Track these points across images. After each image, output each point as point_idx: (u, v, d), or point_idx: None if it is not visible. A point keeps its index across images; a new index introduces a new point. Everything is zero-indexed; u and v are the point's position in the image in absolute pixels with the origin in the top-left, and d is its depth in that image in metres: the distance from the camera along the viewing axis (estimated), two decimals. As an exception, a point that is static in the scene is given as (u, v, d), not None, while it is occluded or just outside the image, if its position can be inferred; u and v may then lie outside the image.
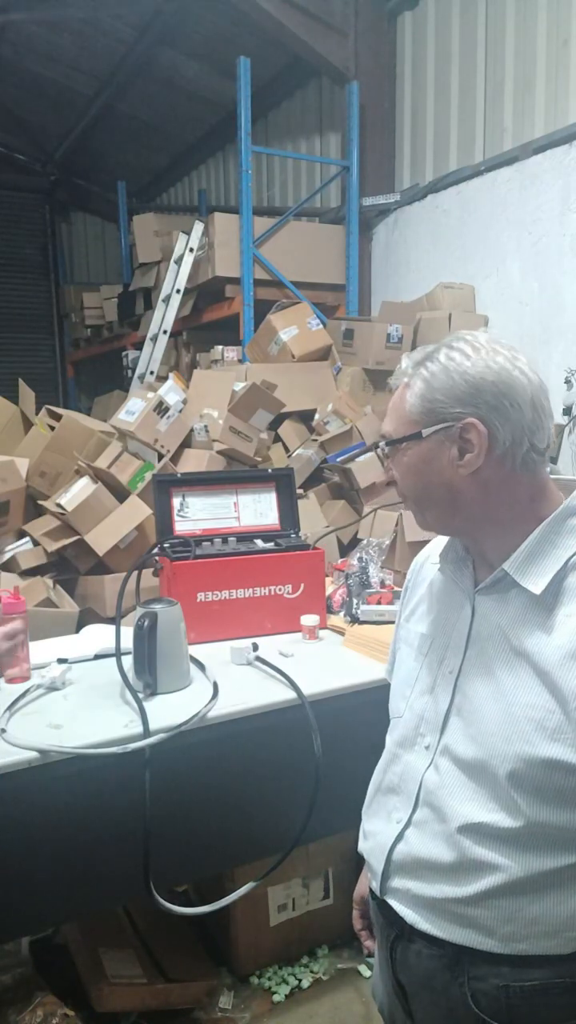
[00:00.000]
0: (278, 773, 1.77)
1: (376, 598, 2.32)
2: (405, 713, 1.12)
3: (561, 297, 3.66)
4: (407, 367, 1.02)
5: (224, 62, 5.15)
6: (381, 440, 1.06)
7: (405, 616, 1.22)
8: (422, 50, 4.59)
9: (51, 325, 8.35)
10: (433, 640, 1.11)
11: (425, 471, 1.00)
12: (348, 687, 1.99)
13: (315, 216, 5.46)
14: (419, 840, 1.05)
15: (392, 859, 1.08)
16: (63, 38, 5.87)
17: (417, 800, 1.06)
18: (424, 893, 1.04)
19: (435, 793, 1.03)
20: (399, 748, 1.12)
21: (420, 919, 1.04)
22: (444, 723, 1.04)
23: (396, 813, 1.10)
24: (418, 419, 0.99)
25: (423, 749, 1.07)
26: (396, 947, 1.10)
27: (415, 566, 1.27)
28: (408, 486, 1.04)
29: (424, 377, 0.98)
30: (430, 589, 1.17)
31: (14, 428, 3.75)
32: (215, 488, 2.42)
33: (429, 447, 0.99)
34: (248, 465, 3.47)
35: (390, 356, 4.13)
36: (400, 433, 1.02)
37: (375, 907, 1.17)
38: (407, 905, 1.06)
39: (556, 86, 3.72)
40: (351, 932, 2.47)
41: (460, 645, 1.05)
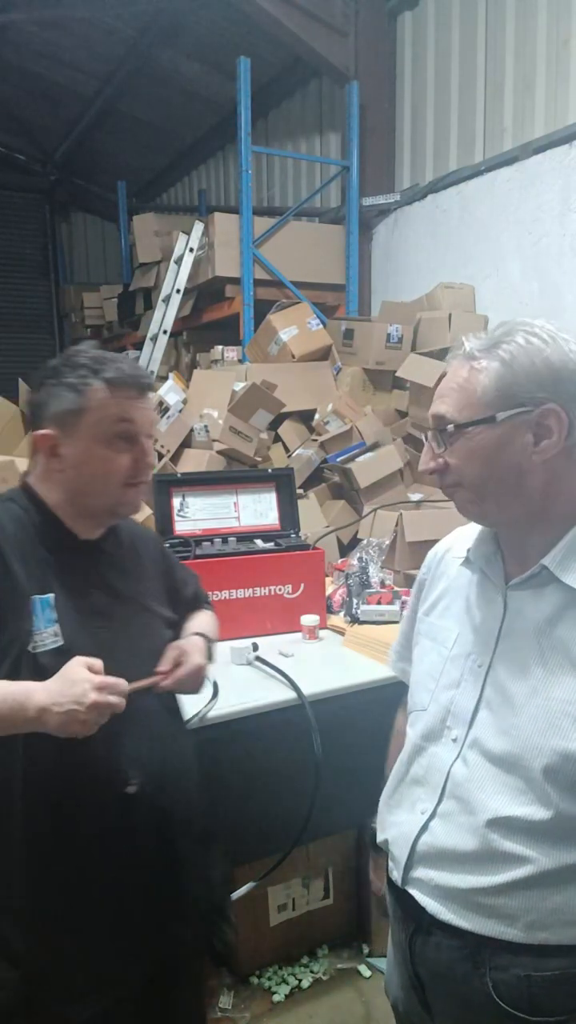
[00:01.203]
0: (278, 773, 1.77)
1: (376, 598, 2.33)
2: (430, 706, 1.10)
3: (561, 297, 3.66)
4: (472, 349, 0.98)
5: (224, 62, 5.15)
6: (439, 424, 1.00)
7: (424, 610, 1.20)
8: (422, 50, 4.59)
9: (51, 325, 8.35)
10: (459, 634, 1.09)
11: (494, 457, 0.96)
12: (348, 687, 1.99)
13: (315, 216, 5.45)
14: (444, 831, 1.04)
15: (416, 849, 1.08)
16: (63, 38, 5.86)
17: (443, 792, 1.05)
18: (447, 883, 1.03)
19: (463, 786, 1.02)
20: (424, 740, 1.11)
21: (442, 909, 1.04)
22: (473, 717, 1.03)
23: (421, 804, 1.09)
24: (491, 402, 0.95)
25: (450, 742, 1.06)
26: (415, 940, 1.10)
27: (433, 559, 1.24)
28: (470, 473, 0.99)
29: (502, 359, 0.95)
30: (454, 584, 1.15)
31: (14, 428, 3.75)
32: (215, 488, 2.43)
33: (502, 432, 0.95)
34: (248, 465, 3.47)
35: (390, 356, 4.12)
36: (467, 416, 0.96)
37: (393, 900, 1.17)
38: (429, 895, 1.06)
39: (556, 86, 3.72)
40: (351, 932, 2.49)
41: (490, 640, 1.04)
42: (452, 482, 1.02)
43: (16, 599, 1.14)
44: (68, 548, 1.22)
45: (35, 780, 1.16)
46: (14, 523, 1.19)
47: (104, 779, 1.18)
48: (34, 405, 1.21)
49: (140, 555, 1.37)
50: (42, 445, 1.18)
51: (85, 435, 1.16)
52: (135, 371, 1.20)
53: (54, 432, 1.17)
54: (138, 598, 1.31)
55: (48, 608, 1.16)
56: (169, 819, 1.26)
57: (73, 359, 1.18)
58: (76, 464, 1.17)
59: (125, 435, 1.18)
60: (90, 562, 1.25)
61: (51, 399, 1.17)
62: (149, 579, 1.37)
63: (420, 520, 2.76)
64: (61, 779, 1.16)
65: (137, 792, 1.19)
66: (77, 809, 1.17)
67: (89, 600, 1.22)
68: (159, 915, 1.26)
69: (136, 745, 1.20)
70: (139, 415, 1.19)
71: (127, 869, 1.21)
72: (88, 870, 1.19)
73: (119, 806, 1.19)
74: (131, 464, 1.19)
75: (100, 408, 1.16)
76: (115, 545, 1.31)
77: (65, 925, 1.19)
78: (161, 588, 1.40)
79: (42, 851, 1.17)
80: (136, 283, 5.92)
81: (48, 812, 1.16)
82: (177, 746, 1.32)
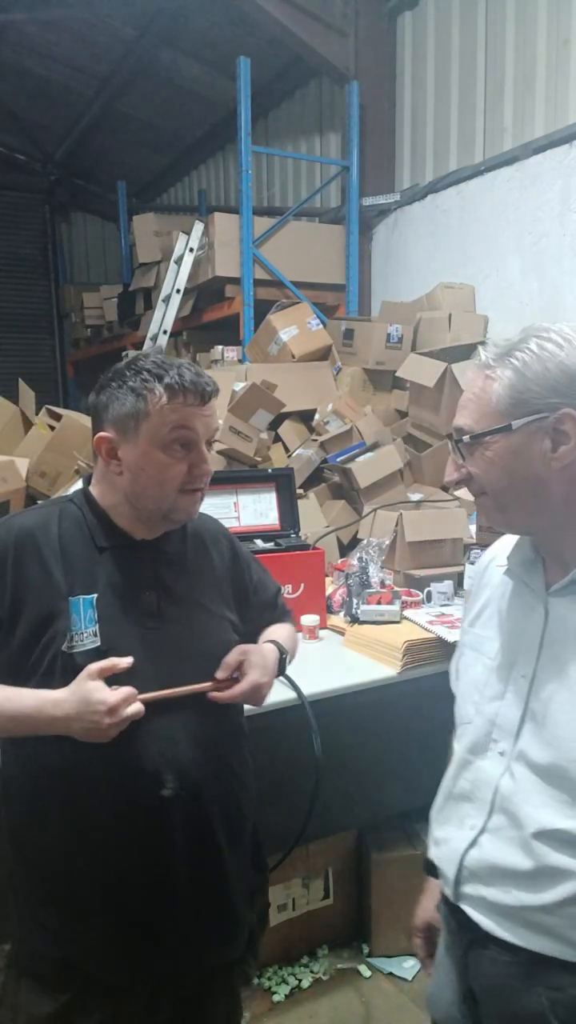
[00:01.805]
0: (278, 773, 1.77)
1: (376, 598, 2.33)
2: (475, 719, 1.09)
3: (561, 297, 3.66)
4: (487, 359, 0.98)
5: (224, 62, 5.14)
6: (458, 435, 1.01)
7: (469, 620, 1.19)
8: (422, 50, 4.59)
9: (51, 325, 8.34)
10: (502, 644, 1.08)
11: (513, 465, 0.96)
12: (348, 687, 1.99)
13: (315, 216, 5.45)
14: (494, 846, 1.03)
15: (464, 865, 1.06)
16: (63, 38, 5.86)
17: (492, 806, 1.04)
18: (499, 900, 1.01)
19: (510, 799, 1.01)
20: (470, 754, 1.09)
21: (494, 926, 1.02)
22: (519, 729, 1.02)
23: (470, 819, 1.07)
24: (506, 411, 0.95)
25: (497, 755, 1.05)
26: (469, 953, 1.08)
27: (480, 568, 1.22)
28: (490, 482, 0.99)
29: (515, 367, 0.95)
30: (496, 593, 1.14)
31: (14, 428, 3.75)
32: (215, 488, 2.42)
33: (519, 440, 0.95)
34: (248, 465, 3.47)
35: (390, 356, 4.12)
36: (484, 426, 0.97)
37: (447, 913, 1.15)
38: (482, 912, 1.04)
39: (556, 86, 3.72)
40: (351, 932, 2.49)
41: (533, 649, 1.03)
42: (477, 491, 1.02)
43: (53, 600, 1.16)
44: (121, 548, 1.23)
45: (64, 775, 1.17)
46: (68, 522, 1.23)
47: (136, 780, 1.17)
48: (97, 407, 1.22)
49: (206, 554, 1.36)
50: (101, 447, 1.20)
51: (143, 440, 1.16)
52: (197, 378, 1.19)
53: (113, 435, 1.18)
54: (196, 598, 1.30)
55: (90, 608, 1.17)
56: (211, 827, 1.24)
57: (137, 363, 1.19)
58: (133, 468, 1.18)
59: (183, 441, 1.18)
60: (144, 562, 1.25)
61: (112, 402, 1.18)
62: (213, 579, 1.35)
63: (420, 520, 2.76)
64: (91, 776, 1.16)
65: (172, 796, 1.18)
66: (107, 808, 1.17)
67: (139, 600, 1.23)
68: (197, 924, 1.24)
69: (174, 748, 1.19)
70: (198, 422, 1.19)
71: (160, 872, 1.20)
72: (115, 869, 1.19)
73: (153, 809, 1.18)
74: (187, 471, 1.19)
75: (159, 414, 1.16)
76: (175, 543, 1.30)
77: (96, 923, 1.20)
78: (228, 589, 1.38)
79: (70, 851, 1.18)
80: (136, 283, 5.91)
81: (75, 809, 1.18)
82: (226, 752, 1.30)
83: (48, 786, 1.19)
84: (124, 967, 1.22)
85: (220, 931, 1.28)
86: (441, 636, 2.08)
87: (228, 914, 1.29)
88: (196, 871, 1.23)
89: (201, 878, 1.23)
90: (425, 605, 2.43)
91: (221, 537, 1.42)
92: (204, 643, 1.27)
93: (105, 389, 1.21)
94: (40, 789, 1.20)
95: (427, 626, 2.17)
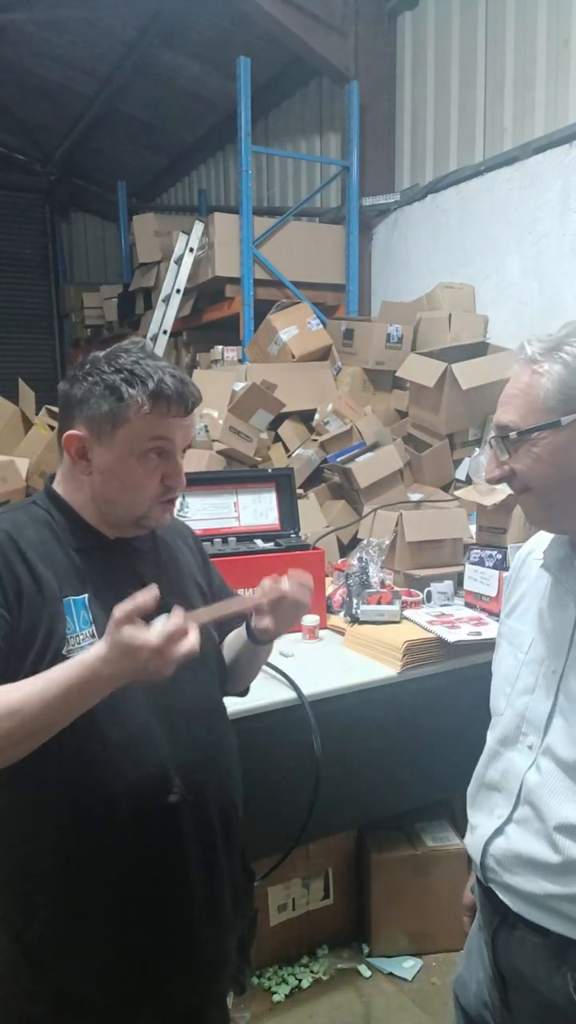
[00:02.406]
0: (278, 773, 1.77)
1: (376, 598, 2.33)
2: (506, 711, 1.11)
3: (561, 297, 3.66)
4: (534, 353, 0.97)
5: (224, 62, 5.14)
6: (502, 431, 1.00)
7: (506, 611, 1.20)
8: (422, 50, 4.59)
9: (51, 325, 8.34)
10: (534, 639, 1.09)
11: (561, 462, 0.95)
12: (348, 687, 1.99)
13: (315, 216, 5.45)
14: (520, 837, 1.05)
15: (489, 852, 1.09)
16: (63, 38, 5.86)
17: (519, 799, 1.06)
18: (524, 888, 1.04)
19: (535, 792, 1.03)
20: (500, 746, 1.12)
21: (523, 911, 1.06)
22: (547, 724, 1.03)
23: (498, 810, 1.11)
24: (556, 406, 0.94)
25: (526, 748, 1.06)
26: (499, 933, 1.11)
27: (518, 560, 1.22)
28: (538, 479, 0.98)
29: (565, 361, 0.94)
30: (533, 587, 1.14)
31: (14, 428, 3.75)
32: (215, 488, 2.42)
33: (568, 436, 0.94)
34: (248, 465, 3.47)
35: (390, 356, 4.12)
36: (531, 422, 0.96)
37: (480, 894, 1.18)
38: (509, 897, 1.08)
39: (556, 86, 3.72)
40: (351, 932, 2.49)
41: (564, 645, 1.03)
42: (520, 488, 1.01)
43: (47, 603, 1.09)
44: (97, 547, 1.17)
45: (66, 785, 1.09)
46: (37, 526, 1.15)
47: (143, 785, 1.11)
48: (68, 399, 1.14)
49: (177, 549, 1.32)
50: (71, 446, 1.13)
51: (119, 445, 1.10)
52: (181, 387, 1.11)
53: (86, 434, 1.11)
54: (177, 593, 1.23)
55: (83, 609, 1.12)
56: (213, 835, 1.20)
57: (119, 360, 1.11)
58: (104, 471, 1.12)
59: (159, 451, 1.12)
60: (122, 559, 1.20)
61: (89, 399, 1.11)
62: (189, 573, 1.31)
63: (420, 520, 2.76)
64: (95, 785, 1.09)
65: (179, 801, 1.13)
66: (113, 818, 1.10)
67: (125, 599, 1.16)
68: (203, 939, 1.20)
69: (178, 749, 1.14)
70: (178, 433, 1.13)
71: (172, 887, 1.15)
72: (125, 886, 1.12)
73: (161, 816, 1.13)
74: (161, 480, 1.14)
75: (140, 421, 1.09)
76: (147, 540, 1.25)
77: (98, 943, 1.13)
78: (200, 585, 1.33)
79: (72, 863, 1.11)
80: (136, 283, 5.91)
81: (80, 820, 1.10)
82: (223, 749, 1.26)
83: (39, 796, 1.09)
84: (133, 1004, 1.15)
85: (220, 950, 1.24)
86: (441, 636, 2.08)
87: (224, 923, 1.25)
88: (206, 884, 1.19)
89: (208, 890, 1.19)
90: (425, 605, 2.43)
91: (188, 535, 1.40)
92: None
93: (80, 382, 1.13)
94: (40, 815, 1.11)
95: (427, 626, 2.17)
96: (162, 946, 1.16)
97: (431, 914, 2.31)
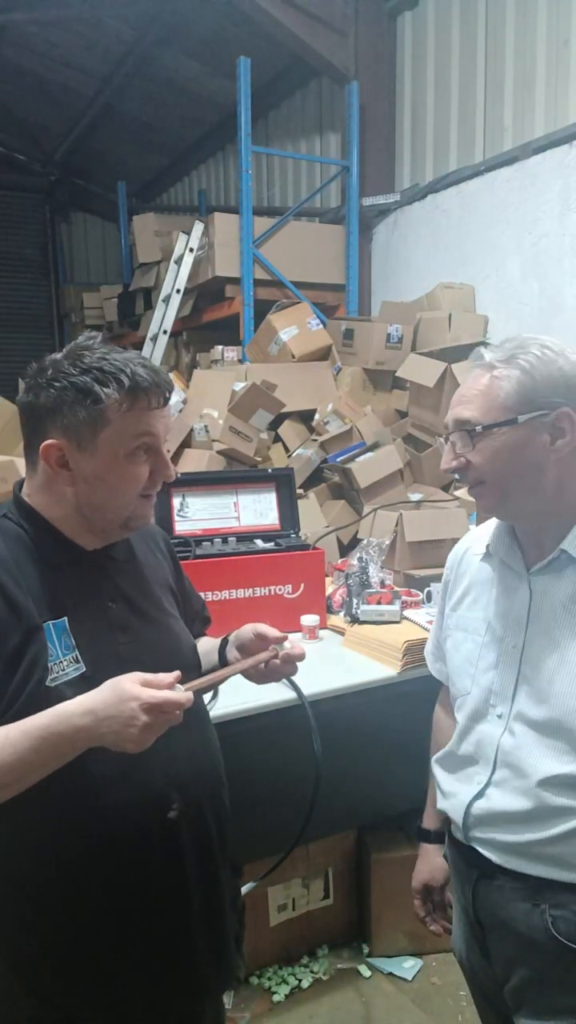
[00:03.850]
0: (278, 773, 1.77)
1: (376, 598, 2.33)
2: (472, 689, 1.22)
3: (561, 297, 3.66)
4: (492, 359, 1.09)
5: (224, 62, 5.14)
6: (461, 426, 1.10)
7: (451, 606, 1.31)
8: (422, 50, 4.59)
9: (51, 325, 8.34)
10: (490, 622, 1.20)
11: (516, 455, 1.07)
12: (348, 687, 1.99)
13: (315, 216, 5.45)
14: (500, 796, 1.15)
15: (471, 813, 1.19)
16: (63, 38, 5.86)
17: (495, 763, 1.16)
18: (506, 839, 1.15)
19: (512, 754, 1.14)
20: (471, 721, 1.22)
21: (505, 861, 1.15)
22: (514, 692, 1.14)
23: (477, 776, 1.20)
24: (513, 406, 1.06)
25: (496, 718, 1.17)
26: (479, 885, 1.21)
27: (454, 558, 1.35)
28: (493, 470, 1.09)
29: (523, 368, 1.06)
30: (477, 578, 1.26)
31: (14, 428, 3.74)
32: (215, 488, 2.42)
33: (523, 433, 1.07)
34: (248, 465, 3.47)
35: (390, 356, 4.12)
36: (491, 419, 1.07)
37: (455, 855, 1.29)
38: (491, 850, 1.17)
39: (556, 86, 3.72)
40: (351, 932, 2.49)
41: (521, 622, 1.15)
42: (475, 479, 1.12)
43: (25, 630, 1.03)
44: (75, 562, 1.11)
45: (66, 808, 1.05)
46: (9, 542, 1.08)
47: (143, 805, 1.09)
48: (35, 409, 1.07)
49: (151, 556, 1.28)
50: (50, 457, 1.06)
51: (103, 450, 1.05)
52: (155, 376, 1.07)
53: (64, 443, 1.05)
54: (156, 603, 1.21)
55: (64, 633, 1.06)
56: (211, 844, 1.19)
57: (82, 360, 1.05)
58: (90, 479, 1.06)
59: (147, 447, 1.08)
60: (101, 574, 1.14)
61: (61, 406, 1.04)
62: (164, 581, 1.28)
63: (420, 520, 2.76)
64: (95, 807, 1.06)
65: (178, 817, 1.11)
66: (115, 840, 1.08)
67: (107, 616, 1.13)
68: (206, 951, 1.19)
69: (174, 762, 1.11)
70: (160, 425, 1.09)
71: (173, 905, 1.13)
72: (129, 909, 1.10)
73: (161, 835, 1.11)
74: (149, 476, 1.10)
75: (120, 421, 1.04)
76: (122, 550, 1.20)
77: (100, 970, 1.10)
78: (174, 592, 1.31)
79: (75, 888, 1.08)
80: (136, 283, 5.91)
81: (83, 844, 1.07)
82: (213, 761, 1.25)
83: (37, 816, 1.05)
84: (140, 1020, 1.14)
85: (223, 958, 1.24)
86: (441, 636, 2.08)
87: (224, 934, 1.24)
88: (205, 895, 1.18)
89: (207, 900, 1.18)
90: (425, 605, 2.43)
91: (161, 541, 1.35)
92: (178, 649, 1.21)
93: (45, 389, 1.05)
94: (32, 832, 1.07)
95: (427, 626, 2.17)
96: (163, 962, 1.14)
97: (431, 914, 2.31)
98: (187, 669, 1.14)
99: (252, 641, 1.24)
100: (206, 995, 1.24)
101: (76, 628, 1.08)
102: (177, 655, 1.20)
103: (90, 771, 1.02)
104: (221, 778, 1.27)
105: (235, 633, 1.30)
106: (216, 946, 1.22)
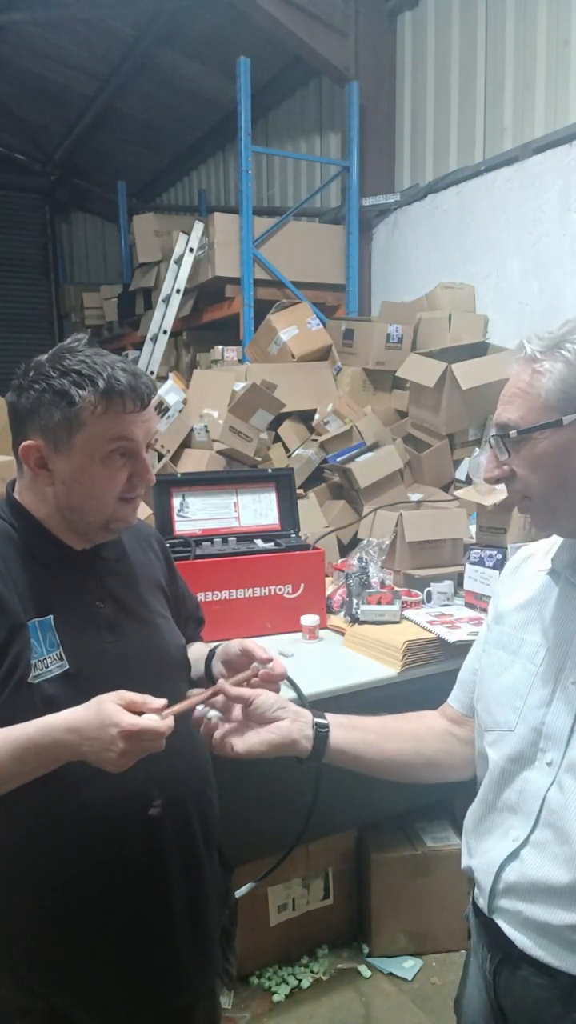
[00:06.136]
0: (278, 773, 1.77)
1: (376, 598, 2.33)
2: (518, 727, 1.03)
3: (561, 297, 3.66)
4: (534, 351, 0.93)
5: (224, 62, 5.14)
6: (502, 431, 0.96)
7: (494, 617, 1.14)
8: (422, 50, 4.59)
9: (51, 325, 8.34)
10: (547, 649, 1.02)
11: (563, 462, 0.92)
12: (348, 687, 1.99)
13: (315, 216, 5.45)
14: (537, 861, 0.98)
15: (502, 877, 1.01)
16: (63, 38, 5.86)
17: (538, 820, 0.99)
18: (537, 917, 0.97)
19: (558, 813, 0.96)
20: (513, 764, 1.03)
21: (532, 944, 0.98)
22: (569, 738, 0.97)
23: (513, 832, 1.02)
24: (557, 405, 0.91)
25: (545, 766, 0.99)
26: (500, 971, 1.04)
27: (511, 567, 1.17)
28: (538, 480, 0.94)
29: (567, 359, 0.90)
30: (539, 595, 1.08)
31: (14, 428, 3.74)
32: (215, 488, 2.42)
33: (570, 435, 0.91)
34: (248, 465, 3.47)
35: (390, 356, 4.12)
36: (532, 421, 0.92)
37: (477, 925, 1.11)
38: (518, 929, 1.00)
39: (556, 86, 3.72)
40: (351, 932, 2.49)
41: None
42: (519, 490, 0.97)
43: (9, 627, 1.04)
44: (64, 561, 1.12)
45: (47, 804, 1.06)
46: (1, 540, 1.09)
47: (124, 802, 1.09)
48: (17, 410, 1.08)
49: (144, 557, 1.28)
50: (29, 457, 1.07)
51: (78, 452, 1.05)
52: (134, 380, 1.06)
53: (42, 444, 1.06)
54: (145, 604, 1.21)
55: (48, 631, 1.07)
56: (195, 842, 1.19)
57: (64, 362, 1.05)
58: (67, 480, 1.07)
59: (123, 452, 1.07)
60: (90, 573, 1.15)
61: (39, 408, 1.04)
62: (156, 582, 1.28)
63: (420, 520, 2.76)
64: (75, 803, 1.07)
65: (160, 815, 1.12)
66: (95, 836, 1.08)
67: (95, 615, 1.13)
68: (187, 946, 1.19)
69: (157, 761, 1.08)
70: (139, 430, 1.07)
71: (154, 900, 1.14)
72: (109, 904, 1.11)
73: (142, 831, 1.11)
74: (127, 480, 1.09)
75: (96, 424, 1.04)
76: (114, 550, 1.20)
77: (86, 964, 1.11)
78: (166, 593, 1.30)
79: (56, 883, 1.09)
80: (136, 283, 5.91)
81: (63, 839, 1.08)
82: (198, 759, 1.24)
83: (20, 815, 1.06)
84: (121, 1013, 1.15)
85: (206, 953, 1.24)
86: (441, 636, 2.08)
87: (211, 929, 1.24)
88: (187, 890, 1.19)
89: (189, 895, 1.19)
90: (425, 605, 2.43)
91: (154, 541, 1.35)
92: (165, 650, 1.21)
93: (26, 391, 1.06)
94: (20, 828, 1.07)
95: (427, 626, 2.17)
96: (148, 958, 1.15)
97: (431, 914, 2.31)
98: (174, 669, 1.15)
99: (238, 657, 1.22)
100: (187, 987, 1.23)
101: (62, 626, 1.08)
102: (165, 655, 1.21)
103: (70, 767, 1.01)
104: (208, 776, 1.27)
105: (222, 646, 1.28)
106: (197, 940, 1.22)
